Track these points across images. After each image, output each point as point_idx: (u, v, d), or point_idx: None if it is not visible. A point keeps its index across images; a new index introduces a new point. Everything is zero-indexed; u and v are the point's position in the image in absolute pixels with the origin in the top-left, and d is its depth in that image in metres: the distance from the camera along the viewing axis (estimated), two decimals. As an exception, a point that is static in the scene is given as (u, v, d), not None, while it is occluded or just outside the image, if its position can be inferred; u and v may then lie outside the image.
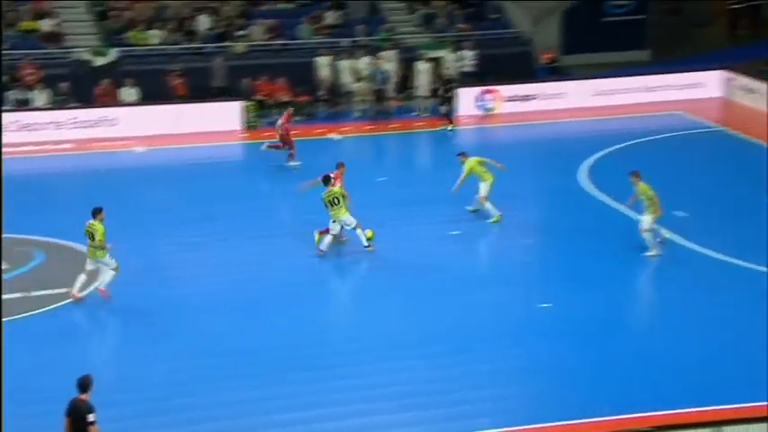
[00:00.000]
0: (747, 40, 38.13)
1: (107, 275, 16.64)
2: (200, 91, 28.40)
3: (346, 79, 29.46)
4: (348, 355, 15.00)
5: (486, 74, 30.55)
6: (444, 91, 28.42)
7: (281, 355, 14.93)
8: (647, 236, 18.34)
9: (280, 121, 24.60)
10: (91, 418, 10.79)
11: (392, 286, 17.57)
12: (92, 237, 16.44)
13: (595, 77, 30.96)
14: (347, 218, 18.45)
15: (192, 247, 19.29)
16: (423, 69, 29.27)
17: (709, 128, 27.33)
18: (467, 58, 30.32)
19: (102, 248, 16.35)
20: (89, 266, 16.67)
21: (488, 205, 20.10)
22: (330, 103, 29.51)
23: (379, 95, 28.71)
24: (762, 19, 39.00)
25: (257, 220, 20.84)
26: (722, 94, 30.16)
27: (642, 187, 18.24)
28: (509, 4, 33.66)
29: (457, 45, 30.75)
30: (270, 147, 24.48)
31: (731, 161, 24.58)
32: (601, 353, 14.94)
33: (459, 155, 20.70)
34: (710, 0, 40.85)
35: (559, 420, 13.02)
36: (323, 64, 29.37)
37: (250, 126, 28.03)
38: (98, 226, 16.36)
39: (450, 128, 28.00)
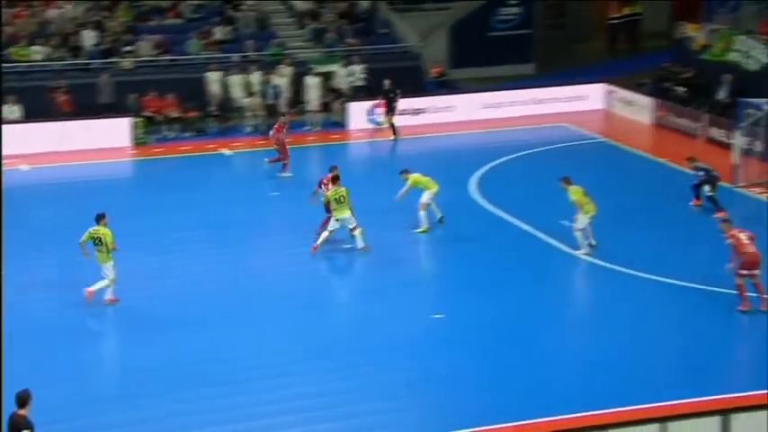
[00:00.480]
0: (626, 54, 39.60)
1: (102, 282, 17.08)
2: (87, 108, 27.91)
3: (237, 94, 29.39)
4: (248, 372, 14.97)
5: (376, 88, 30.89)
6: (388, 101, 28.68)
7: (180, 373, 14.82)
8: (578, 234, 19.07)
9: (271, 132, 24.95)
10: None
11: (288, 301, 17.61)
12: (100, 242, 16.92)
13: (483, 91, 31.64)
14: (349, 217, 19.09)
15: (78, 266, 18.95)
16: (313, 84, 29.42)
17: (593, 139, 28.24)
18: (357, 73, 30.61)
19: (109, 254, 16.92)
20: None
21: (423, 214, 20.50)
22: (221, 118, 29.37)
23: (271, 110, 28.72)
24: (639, 33, 40.53)
25: (148, 236, 20.60)
26: (603, 106, 31.22)
27: (573, 190, 18.95)
28: (398, 19, 34.13)
29: (347, 60, 31.02)
30: (270, 162, 24.85)
31: (614, 171, 25.44)
32: (496, 361, 15.28)
33: (401, 172, 21.03)
34: (591, 15, 42.30)
35: (457, 429, 13.24)
36: (213, 79, 29.23)
37: (139, 142, 27.69)
38: (105, 230, 17.00)
39: (393, 138, 28.31)
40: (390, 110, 28.75)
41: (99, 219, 17.20)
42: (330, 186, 19.58)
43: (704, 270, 18.47)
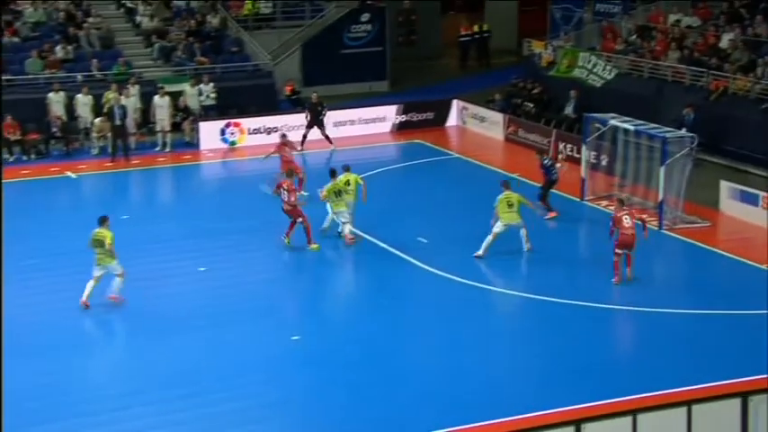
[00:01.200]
0: (477, 71, 40.55)
1: (116, 282, 17.53)
2: None
3: (83, 115, 28.52)
4: (87, 405, 14.43)
5: (228, 107, 30.60)
6: (315, 115, 28.91)
7: (25, 408, 14.18)
8: (489, 238, 19.64)
9: (272, 150, 24.98)
10: None
11: (136, 328, 17.12)
12: (101, 244, 17.27)
13: (337, 108, 31.72)
14: (345, 212, 20.32)
15: None
16: (162, 104, 28.84)
17: (447, 155, 28.69)
18: (208, 92, 30.21)
19: (112, 255, 17.33)
20: (97, 273, 17.46)
21: (328, 224, 21.06)
22: (65, 140, 28.42)
23: (118, 131, 27.98)
24: (489, 51, 41.58)
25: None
26: (457, 122, 31.80)
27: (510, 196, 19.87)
28: (249, 37, 33.91)
29: (197, 78, 30.57)
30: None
31: (467, 187, 25.86)
32: (353, 380, 15.23)
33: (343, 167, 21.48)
34: (442, 33, 43.19)
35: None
36: (55, 100, 28.27)
37: (-24, 166, 26.46)
38: (107, 233, 17.39)
39: (332, 147, 28.64)
40: (318, 123, 28.97)
41: (102, 221, 17.71)
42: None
43: (559, 282, 19.02)
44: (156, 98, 28.82)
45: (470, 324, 17.36)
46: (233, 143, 29.54)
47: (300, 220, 20.42)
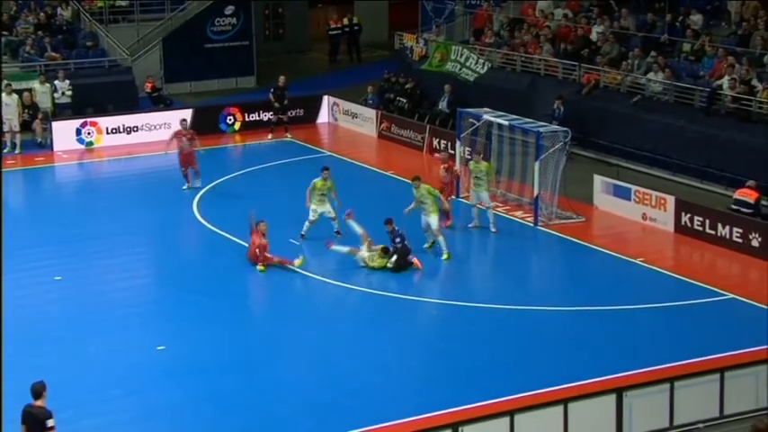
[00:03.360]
0: (347, 65, 40.70)
1: None
2: None
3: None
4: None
5: (84, 105, 29.84)
6: (278, 99, 29.35)
7: None
8: (440, 239, 19.97)
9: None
10: (50, 423, 11.46)
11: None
12: None
13: (201, 105, 31.31)
14: (329, 209, 20.92)
15: None
16: (9, 102, 27.88)
17: (318, 153, 28.67)
18: (61, 89, 29.39)
19: None
20: None
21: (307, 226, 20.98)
22: None
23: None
24: (360, 44, 41.79)
25: None
26: (328, 119, 31.84)
27: (425, 189, 20.15)
28: (104, 31, 33.14)
29: (47, 75, 29.69)
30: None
31: (339, 186, 25.90)
32: (220, 390, 15.06)
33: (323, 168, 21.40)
34: (310, 26, 43.19)
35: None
36: None
37: None
38: None
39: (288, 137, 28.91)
40: (282, 108, 29.44)
41: None
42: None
43: (434, 282, 19.26)
44: (3, 96, 27.84)
45: (344, 327, 17.42)
46: (90, 144, 28.83)
47: None
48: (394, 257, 19.30)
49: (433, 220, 20.06)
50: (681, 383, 13.92)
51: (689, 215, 21.42)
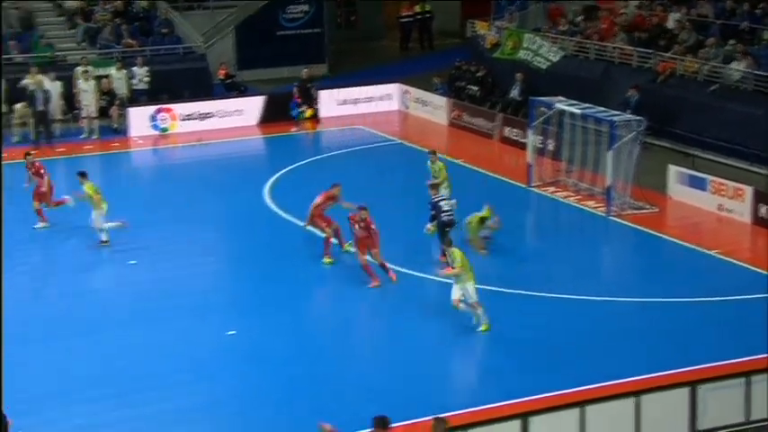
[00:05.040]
0: (418, 53, 40.54)
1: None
2: None
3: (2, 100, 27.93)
4: (20, 405, 14.06)
5: (159, 91, 30.17)
6: (302, 92, 29.32)
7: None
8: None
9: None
10: None
11: (63, 325, 16.79)
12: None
13: (274, 93, 31.46)
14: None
15: None
16: (88, 88, 28.33)
17: (389, 141, 28.63)
18: (139, 75, 29.76)
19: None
20: None
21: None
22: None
23: (41, 117, 27.42)
24: (431, 33, 41.58)
25: None
26: (399, 107, 31.75)
27: (441, 165, 20.53)
28: (180, 19, 33.45)
29: (125, 62, 30.09)
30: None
31: (409, 173, 25.82)
32: (290, 377, 15.12)
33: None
34: (382, 14, 43.08)
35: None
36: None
37: None
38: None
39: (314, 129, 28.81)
40: (307, 101, 29.24)
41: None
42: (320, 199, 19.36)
43: (505, 272, 19.12)
44: (81, 83, 28.30)
45: (413, 316, 17.34)
46: (164, 129, 29.16)
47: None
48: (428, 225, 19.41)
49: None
50: (757, 378, 13.56)
51: (767, 206, 20.89)
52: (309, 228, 19.70)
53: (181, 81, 30.96)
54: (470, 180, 24.45)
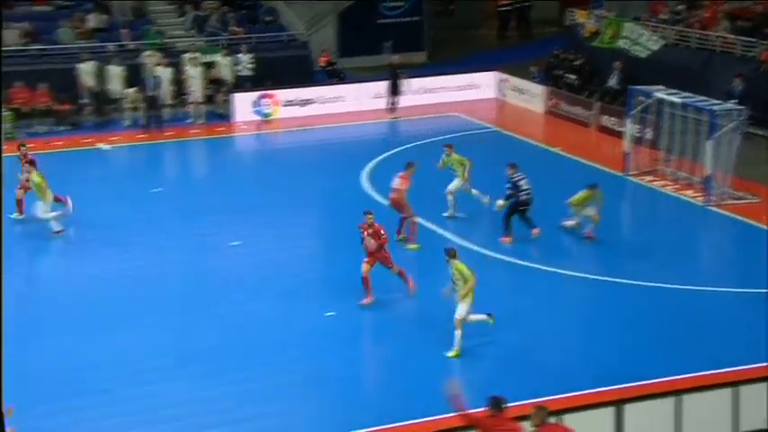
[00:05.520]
0: (516, 42, 40.17)
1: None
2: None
3: (115, 86, 28.63)
4: (117, 380, 14.52)
5: (263, 78, 30.57)
6: (395, 82, 29.34)
7: (51, 384, 14.33)
8: (449, 198, 20.32)
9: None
10: None
11: (170, 302, 17.20)
12: None
13: (374, 80, 31.58)
14: None
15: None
16: (195, 74, 28.87)
17: (485, 128, 28.48)
18: (243, 62, 30.18)
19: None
20: None
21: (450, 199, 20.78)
22: (97, 111, 28.57)
23: (152, 102, 28.06)
24: (529, 21, 41.15)
25: (18, 240, 19.92)
26: (496, 95, 31.54)
27: (456, 158, 20.56)
28: (283, 7, 33.80)
29: (230, 49, 30.56)
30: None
31: (506, 161, 25.63)
32: (387, 357, 15.21)
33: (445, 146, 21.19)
34: (480, 2, 42.79)
35: (355, 429, 13.11)
36: (86, 70, 28.34)
37: (7, 137, 26.71)
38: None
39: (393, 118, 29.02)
40: (395, 89, 29.29)
41: None
42: (405, 183, 19.30)
43: (601, 259, 18.87)
44: (189, 69, 28.85)
45: (503, 299, 17.25)
46: (267, 115, 29.53)
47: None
48: (500, 201, 19.35)
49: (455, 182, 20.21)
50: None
51: None
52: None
53: (283, 68, 31.27)
54: (567, 168, 24.23)
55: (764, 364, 14.26)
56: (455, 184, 20.73)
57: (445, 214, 20.79)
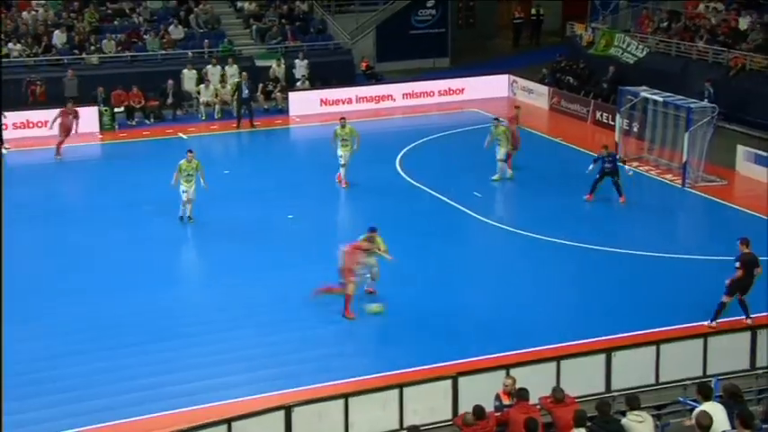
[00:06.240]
0: (528, 49, 39.88)
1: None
2: (59, 99, 27.11)
3: (189, 87, 28.82)
4: (201, 326, 14.81)
5: (313, 79, 30.65)
6: None
7: (137, 329, 14.64)
8: (500, 164, 20.77)
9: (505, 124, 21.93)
10: None
11: (241, 263, 17.44)
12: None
13: (405, 81, 31.57)
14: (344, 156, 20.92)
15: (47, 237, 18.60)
16: (234, 73, 28.57)
17: (500, 122, 28.28)
18: (300, 67, 30.31)
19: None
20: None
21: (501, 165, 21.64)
22: (179, 107, 28.82)
23: (245, 102, 27.85)
24: (541, 32, 40.82)
25: (118, 209, 20.27)
26: (508, 93, 31.43)
27: (503, 129, 21.41)
28: (331, 19, 33.84)
29: (288, 55, 30.64)
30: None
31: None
32: (424, 310, 15.33)
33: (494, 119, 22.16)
34: (497, 16, 42.51)
35: (391, 370, 13.25)
36: (188, 76, 28.59)
37: (106, 128, 27.19)
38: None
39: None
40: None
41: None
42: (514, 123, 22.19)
43: (597, 232, 18.87)
44: (226, 67, 28.70)
45: (516, 267, 17.35)
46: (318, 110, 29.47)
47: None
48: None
49: (501, 151, 21.10)
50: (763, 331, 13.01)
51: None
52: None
53: (330, 71, 31.36)
54: (565, 155, 24.22)
55: (732, 319, 14.25)
56: (502, 152, 21.46)
57: (494, 177, 21.43)
